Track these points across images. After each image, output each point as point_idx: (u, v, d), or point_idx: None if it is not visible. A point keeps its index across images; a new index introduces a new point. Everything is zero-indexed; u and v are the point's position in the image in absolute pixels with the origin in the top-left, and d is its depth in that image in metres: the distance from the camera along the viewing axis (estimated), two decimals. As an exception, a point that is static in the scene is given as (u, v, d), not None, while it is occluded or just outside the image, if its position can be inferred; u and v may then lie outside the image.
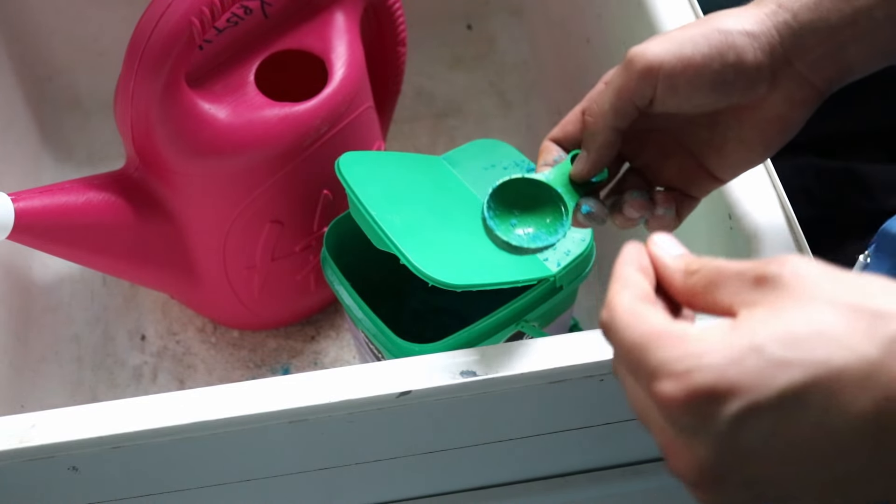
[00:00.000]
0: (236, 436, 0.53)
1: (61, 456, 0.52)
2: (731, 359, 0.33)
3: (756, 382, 0.32)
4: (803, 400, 0.32)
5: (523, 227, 0.53)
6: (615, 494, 0.65)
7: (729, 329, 0.34)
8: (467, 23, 1.00)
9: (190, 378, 0.79)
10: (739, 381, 0.32)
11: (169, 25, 0.61)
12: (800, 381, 0.32)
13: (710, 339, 0.34)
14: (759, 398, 0.32)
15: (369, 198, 0.61)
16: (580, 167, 0.52)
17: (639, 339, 0.35)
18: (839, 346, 0.32)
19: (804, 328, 0.33)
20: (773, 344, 0.33)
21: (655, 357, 0.34)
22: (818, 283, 0.34)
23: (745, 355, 0.33)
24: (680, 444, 0.34)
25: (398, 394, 0.52)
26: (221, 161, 0.67)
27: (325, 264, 0.66)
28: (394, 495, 0.63)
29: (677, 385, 0.33)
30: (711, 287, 0.37)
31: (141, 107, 0.63)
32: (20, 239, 0.64)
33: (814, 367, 0.32)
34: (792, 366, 0.32)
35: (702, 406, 0.33)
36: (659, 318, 0.36)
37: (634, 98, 0.50)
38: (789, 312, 0.33)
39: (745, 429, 0.33)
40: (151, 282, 0.75)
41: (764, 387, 0.32)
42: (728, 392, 0.32)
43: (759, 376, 0.32)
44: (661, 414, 0.34)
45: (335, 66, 0.71)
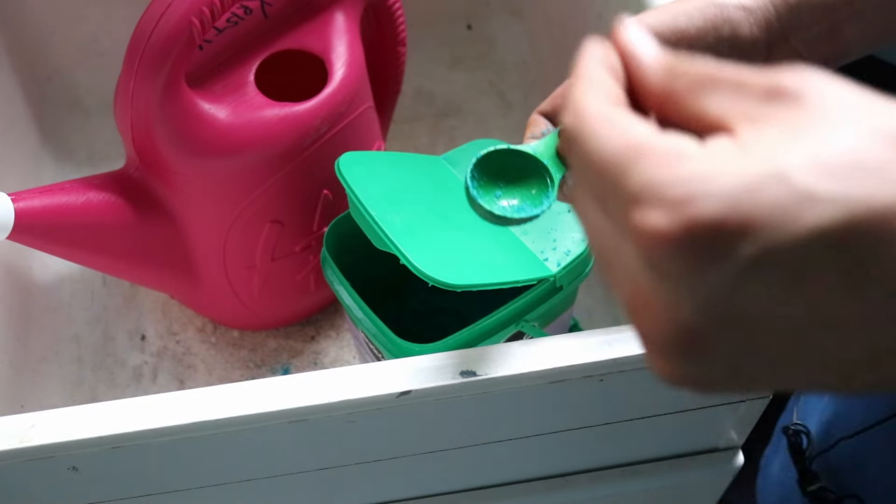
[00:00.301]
0: (236, 436, 0.53)
1: (61, 456, 0.52)
2: (746, 186, 0.25)
3: (779, 219, 0.25)
4: (837, 247, 0.25)
5: (508, 198, 0.52)
6: (615, 494, 0.65)
7: (739, 148, 0.27)
8: (467, 23, 1.00)
9: (190, 378, 0.79)
10: (757, 214, 0.25)
11: (169, 25, 0.61)
12: (833, 219, 0.25)
13: (718, 159, 0.26)
14: (782, 239, 0.25)
15: (369, 198, 0.61)
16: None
17: (617, 152, 0.28)
18: (883, 181, 0.25)
19: (838, 155, 0.25)
20: (800, 171, 0.25)
21: (640, 177, 0.27)
22: (849, 101, 0.27)
23: (765, 183, 0.25)
24: (657, 295, 0.27)
25: (398, 394, 0.52)
26: (221, 161, 0.67)
27: (325, 264, 0.66)
28: (394, 495, 0.63)
29: (671, 216, 0.26)
30: (699, 89, 0.29)
31: (141, 107, 0.63)
32: (20, 239, 0.64)
33: (854, 205, 0.25)
34: (824, 201, 0.25)
35: (702, 246, 0.25)
36: (643, 128, 0.28)
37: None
38: (816, 134, 0.26)
39: (754, 281, 0.26)
40: (151, 282, 0.75)
41: (787, 226, 0.25)
42: (741, 229, 0.25)
43: (784, 211, 0.25)
44: (639, 254, 0.27)
45: (335, 66, 0.71)
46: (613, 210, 0.28)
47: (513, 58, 0.99)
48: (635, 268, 0.27)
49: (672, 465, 0.65)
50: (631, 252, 0.27)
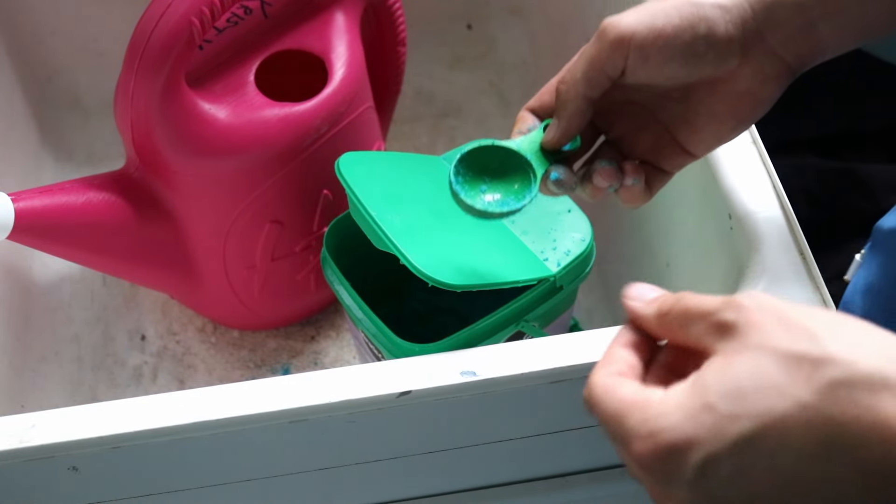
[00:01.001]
0: (236, 436, 0.53)
1: (61, 456, 0.52)
2: (685, 417, 0.36)
3: (711, 436, 0.35)
4: (755, 447, 0.35)
5: (492, 193, 0.53)
6: (615, 494, 0.65)
7: (686, 389, 0.37)
8: (467, 23, 1.00)
9: (190, 378, 0.79)
10: (696, 435, 0.35)
11: (169, 25, 0.61)
12: (749, 430, 0.35)
13: (669, 402, 0.37)
14: (716, 449, 0.35)
15: (369, 198, 0.61)
16: (551, 135, 0.53)
17: (613, 411, 0.38)
18: (780, 396, 0.35)
19: (749, 380, 0.35)
20: (722, 400, 0.35)
21: (627, 424, 0.38)
22: (769, 330, 0.36)
23: (698, 413, 0.36)
24: (663, 492, 0.37)
25: (398, 394, 0.52)
26: (221, 161, 0.67)
27: (325, 264, 0.66)
28: (394, 495, 0.63)
29: (644, 445, 0.37)
30: (685, 325, 0.39)
31: (141, 107, 0.63)
32: (20, 239, 0.64)
33: (760, 418, 0.35)
34: (740, 418, 0.35)
35: (668, 460, 0.36)
36: (629, 389, 0.39)
37: (606, 68, 0.51)
38: (738, 364, 0.36)
39: (708, 475, 0.35)
40: (151, 282, 0.75)
41: (718, 439, 0.35)
42: (687, 446, 0.36)
43: (713, 430, 0.35)
44: (641, 471, 0.38)
45: (335, 66, 0.71)
46: (619, 446, 0.39)
47: (513, 58, 0.99)
48: (640, 476, 0.38)
49: (672, 465, 0.65)
50: (630, 462, 0.38)
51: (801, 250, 0.58)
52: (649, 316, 0.42)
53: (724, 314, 0.38)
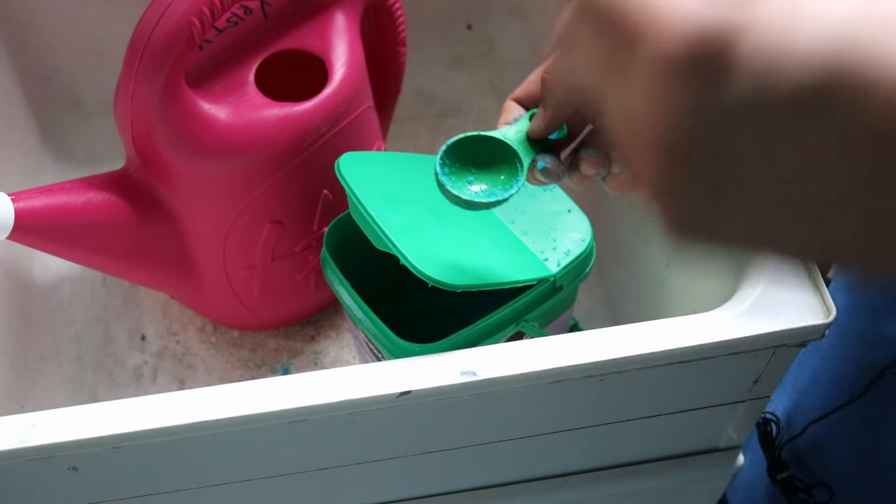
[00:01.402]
0: (236, 436, 0.53)
1: (61, 456, 0.52)
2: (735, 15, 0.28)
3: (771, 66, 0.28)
4: (815, 105, 0.28)
5: (479, 184, 0.53)
6: (615, 494, 0.65)
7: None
8: (467, 23, 1.00)
9: (190, 378, 0.79)
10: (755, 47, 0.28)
11: (169, 25, 0.61)
12: (816, 79, 0.27)
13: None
14: (768, 92, 0.28)
15: (369, 198, 0.61)
16: (536, 123, 0.52)
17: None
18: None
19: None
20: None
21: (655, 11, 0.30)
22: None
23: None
24: (659, 100, 0.30)
25: (398, 394, 0.52)
26: (221, 161, 0.67)
27: (325, 264, 0.66)
28: (394, 495, 0.63)
29: (685, 38, 0.29)
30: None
31: (141, 107, 0.63)
32: (20, 239, 0.64)
33: (837, 63, 0.27)
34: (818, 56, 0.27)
35: (708, 67, 0.28)
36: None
37: None
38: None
39: (743, 119, 0.28)
40: (151, 282, 0.75)
41: (776, 78, 0.28)
42: (738, 31, 0.28)
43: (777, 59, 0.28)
44: (651, 70, 0.30)
45: (335, 66, 0.71)
46: (616, 52, 0.31)
47: (513, 58, 0.99)
48: (639, 82, 0.30)
49: (672, 465, 0.65)
50: (636, 69, 0.30)
51: (801, 250, 0.58)
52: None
53: None
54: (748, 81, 0.28)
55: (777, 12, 0.28)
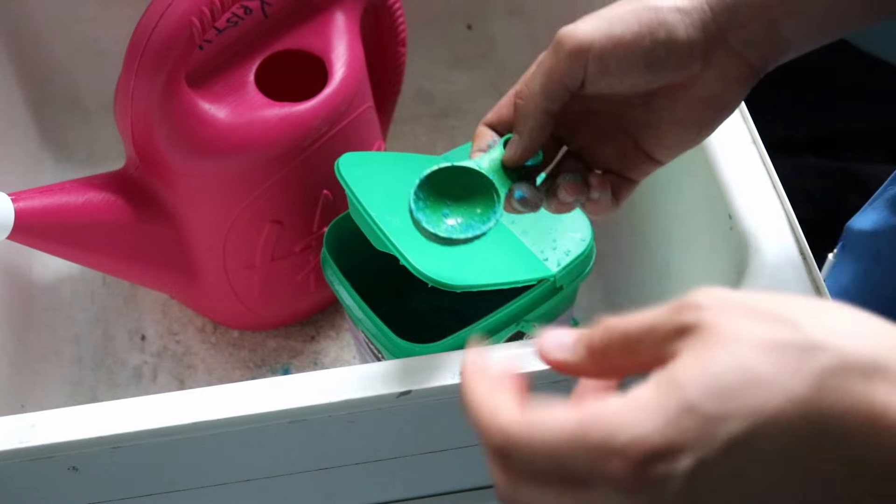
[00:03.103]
0: (236, 436, 0.53)
1: (61, 456, 0.52)
2: (664, 422, 0.32)
3: (698, 440, 0.32)
4: (749, 448, 0.32)
5: (455, 217, 0.52)
6: (615, 494, 0.65)
7: (652, 392, 0.33)
8: (467, 23, 1.00)
9: (190, 378, 0.79)
10: (682, 440, 0.32)
11: (169, 25, 0.61)
12: (741, 431, 0.32)
13: (635, 409, 0.32)
14: (706, 454, 0.32)
15: (369, 199, 0.61)
16: (512, 151, 0.51)
17: (559, 439, 0.33)
18: (770, 390, 0.32)
19: (732, 375, 0.32)
20: (704, 399, 0.32)
21: (587, 445, 0.33)
22: (741, 321, 0.33)
23: (677, 416, 0.32)
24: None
25: (398, 394, 0.52)
26: (221, 161, 0.67)
27: (325, 264, 0.66)
28: (394, 495, 0.63)
29: (620, 462, 0.32)
30: (630, 349, 0.35)
31: (141, 107, 0.63)
32: (20, 239, 0.64)
33: (751, 417, 0.32)
34: (729, 418, 0.32)
35: (652, 473, 0.32)
36: (565, 411, 0.34)
37: (565, 79, 0.49)
38: (715, 359, 0.32)
39: (699, 483, 0.32)
40: (151, 282, 0.75)
41: (707, 443, 0.32)
42: (673, 453, 0.32)
43: (700, 434, 0.32)
44: (619, 497, 0.33)
45: (335, 66, 0.71)
46: (581, 478, 0.33)
47: (513, 58, 0.99)
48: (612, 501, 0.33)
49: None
50: (601, 495, 0.33)
51: (801, 250, 0.58)
52: (582, 361, 0.37)
53: (680, 318, 0.34)
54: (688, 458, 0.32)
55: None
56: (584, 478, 0.33)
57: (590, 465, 0.32)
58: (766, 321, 0.33)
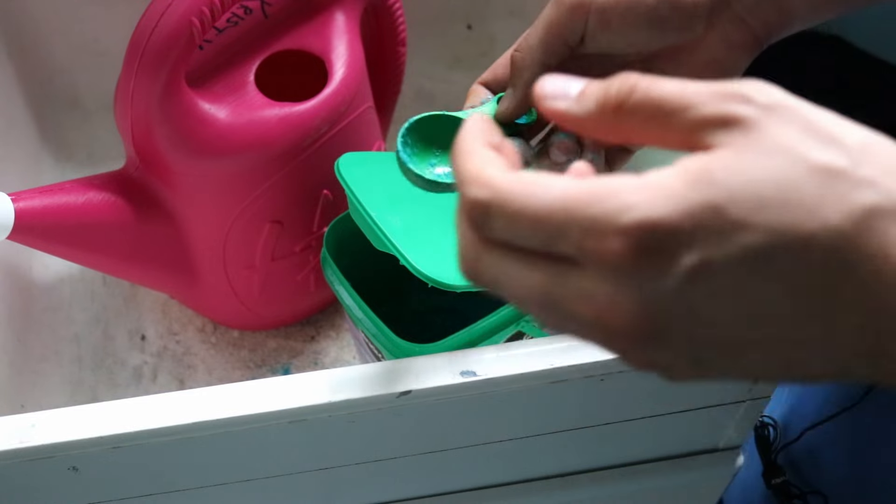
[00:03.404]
0: (236, 436, 0.53)
1: (61, 456, 0.52)
2: (685, 211, 0.30)
3: (713, 238, 0.29)
4: (764, 263, 0.30)
5: (442, 166, 0.51)
6: (615, 494, 0.65)
7: (676, 177, 0.30)
8: (467, 23, 1.00)
9: (190, 378, 0.79)
10: (694, 233, 0.29)
11: (169, 25, 0.61)
12: (762, 243, 0.29)
13: (655, 188, 0.30)
14: (717, 255, 0.29)
15: (369, 199, 0.61)
16: (505, 105, 0.51)
17: (556, 204, 0.31)
18: (808, 213, 0.29)
19: (772, 188, 0.30)
20: (734, 204, 0.30)
21: (590, 214, 0.30)
22: (795, 133, 0.31)
23: (698, 209, 0.30)
24: (618, 298, 0.31)
25: (398, 394, 0.52)
26: (221, 161, 0.67)
27: (325, 264, 0.66)
28: (394, 495, 0.63)
29: (626, 237, 0.30)
30: (657, 117, 0.32)
31: (141, 107, 0.63)
32: (20, 239, 0.64)
33: (779, 234, 0.29)
34: (755, 229, 0.29)
35: (652, 254, 0.30)
36: (568, 180, 0.31)
37: (564, 33, 0.49)
38: (757, 164, 0.30)
39: (696, 284, 0.30)
40: (151, 282, 0.75)
41: (722, 245, 0.29)
42: (681, 241, 0.29)
43: (717, 233, 0.29)
44: (599, 274, 0.30)
45: (335, 66, 0.71)
46: (564, 244, 0.31)
47: (513, 58, 0.99)
48: (591, 289, 0.31)
49: (672, 465, 0.65)
50: (584, 277, 0.31)
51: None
52: (587, 115, 0.34)
53: (727, 106, 0.31)
54: (694, 254, 0.30)
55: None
56: (570, 252, 0.31)
57: (582, 239, 0.30)
58: (822, 141, 0.31)
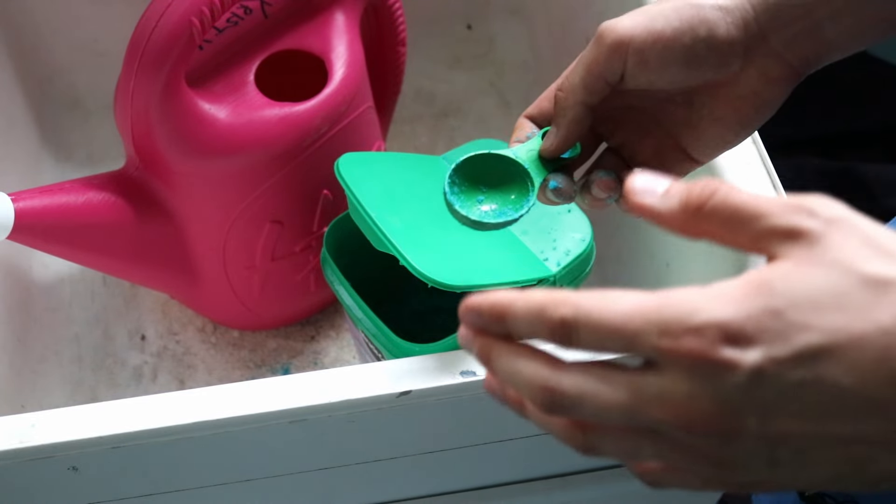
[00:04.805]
0: (236, 436, 0.53)
1: (61, 456, 0.52)
2: (747, 314, 0.33)
3: (775, 339, 0.32)
4: (824, 361, 0.32)
5: (489, 203, 0.52)
6: (615, 494, 0.65)
7: (740, 287, 0.34)
8: (467, 23, 1.00)
9: (190, 378, 0.79)
10: (758, 335, 0.33)
11: (169, 25, 0.61)
12: (820, 343, 0.32)
13: (720, 297, 0.33)
14: (780, 354, 0.32)
15: (369, 199, 0.61)
16: (549, 142, 0.52)
17: (633, 310, 0.34)
18: (860, 316, 0.32)
19: (827, 295, 0.33)
20: (791, 307, 0.33)
21: (663, 316, 0.33)
22: (853, 247, 0.34)
23: (760, 314, 0.33)
24: (695, 396, 0.34)
25: (398, 394, 0.52)
26: (221, 161, 0.67)
27: (325, 264, 0.66)
28: (394, 495, 0.63)
29: (697, 335, 0.33)
30: (731, 222, 0.36)
31: (141, 107, 0.63)
32: (20, 239, 0.64)
33: (834, 333, 0.32)
34: (812, 329, 0.33)
35: (723, 353, 0.33)
36: (641, 293, 0.35)
37: (604, 73, 0.50)
38: (814, 275, 0.33)
39: (763, 382, 0.33)
40: (151, 282, 0.75)
41: (784, 345, 0.32)
42: (747, 342, 0.32)
43: (778, 335, 0.33)
44: (677, 370, 0.34)
45: (335, 66, 0.71)
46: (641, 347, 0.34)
47: (513, 58, 0.99)
48: (670, 389, 0.34)
49: (672, 465, 0.65)
50: (662, 379, 0.34)
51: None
52: (669, 213, 0.37)
53: (795, 218, 0.35)
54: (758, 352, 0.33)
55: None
56: (647, 355, 0.34)
57: (659, 339, 0.33)
58: (879, 256, 0.34)
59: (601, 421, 0.36)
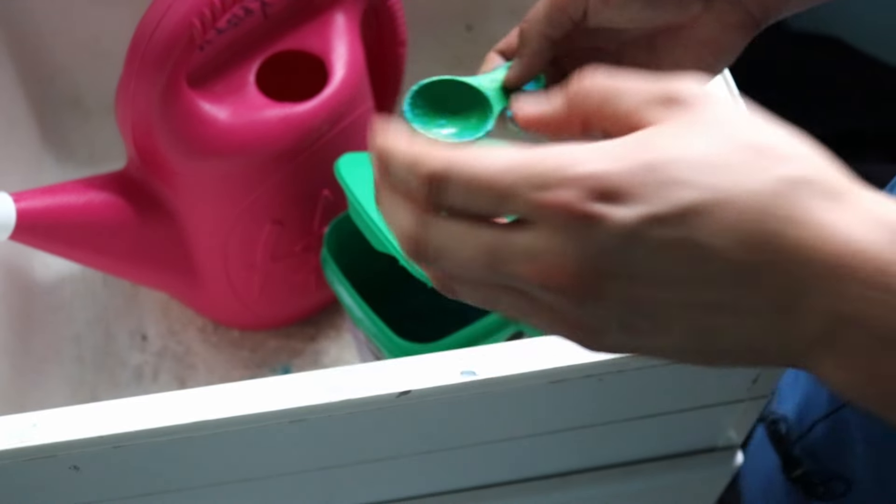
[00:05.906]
0: (236, 436, 0.53)
1: (62, 455, 0.52)
2: (626, 169, 0.32)
3: (651, 195, 0.32)
4: (693, 219, 0.32)
5: (449, 128, 0.52)
6: (614, 494, 0.65)
7: (623, 142, 0.33)
8: (467, 23, 1.00)
9: (190, 378, 0.79)
10: (636, 191, 0.32)
11: (170, 26, 0.61)
12: (694, 200, 0.32)
13: (599, 151, 0.33)
14: (658, 210, 0.32)
15: (368, 199, 0.61)
16: (512, 72, 0.53)
17: (510, 163, 0.33)
18: (734, 178, 0.32)
19: (703, 155, 0.33)
20: (669, 164, 0.33)
21: (540, 169, 0.33)
22: (730, 117, 0.34)
23: (641, 170, 0.32)
24: (562, 255, 0.33)
25: (398, 394, 0.52)
26: (222, 161, 0.67)
27: (326, 264, 0.66)
28: (394, 495, 0.63)
29: (574, 187, 0.32)
30: (609, 100, 0.36)
31: (142, 107, 0.63)
32: (21, 239, 0.64)
33: (709, 191, 0.32)
34: (688, 186, 0.32)
35: (598, 207, 0.32)
36: (515, 149, 0.34)
37: (568, 8, 0.51)
38: (692, 137, 0.33)
39: (637, 242, 0.32)
40: (152, 282, 0.75)
41: (661, 200, 0.32)
42: (623, 198, 0.32)
43: (655, 190, 0.32)
44: (547, 226, 0.33)
45: (335, 66, 0.71)
46: (513, 203, 0.33)
47: (513, 58, 0.99)
48: (536, 247, 0.33)
49: (671, 465, 0.65)
50: (530, 236, 0.33)
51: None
52: (557, 110, 0.37)
53: (671, 86, 0.35)
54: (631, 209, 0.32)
55: None
56: (520, 211, 0.33)
57: (533, 192, 0.33)
58: (753, 125, 0.34)
59: (461, 274, 0.36)
